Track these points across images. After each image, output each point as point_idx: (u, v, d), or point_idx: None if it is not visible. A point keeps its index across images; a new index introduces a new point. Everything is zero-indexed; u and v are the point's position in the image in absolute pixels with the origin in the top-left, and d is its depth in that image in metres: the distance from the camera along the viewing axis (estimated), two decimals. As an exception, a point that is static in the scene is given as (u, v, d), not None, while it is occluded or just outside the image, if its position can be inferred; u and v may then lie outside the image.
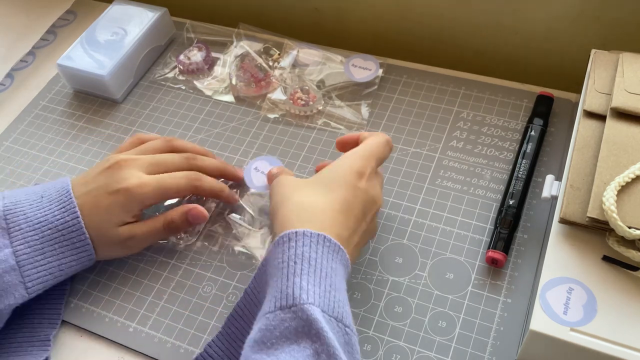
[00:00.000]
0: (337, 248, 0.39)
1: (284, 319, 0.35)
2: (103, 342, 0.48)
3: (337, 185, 0.43)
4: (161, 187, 0.48)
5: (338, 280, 0.38)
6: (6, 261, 0.44)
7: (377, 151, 0.46)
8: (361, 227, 0.43)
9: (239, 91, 0.64)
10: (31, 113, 0.66)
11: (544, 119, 0.55)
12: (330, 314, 0.36)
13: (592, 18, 0.59)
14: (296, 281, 0.36)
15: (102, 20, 0.68)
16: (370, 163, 0.45)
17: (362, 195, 0.43)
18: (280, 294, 0.36)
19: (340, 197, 0.42)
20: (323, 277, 0.37)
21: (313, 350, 0.34)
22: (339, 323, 0.36)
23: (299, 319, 0.35)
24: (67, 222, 0.46)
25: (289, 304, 0.35)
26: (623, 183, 0.40)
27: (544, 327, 0.38)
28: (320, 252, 0.38)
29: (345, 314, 0.37)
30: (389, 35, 0.71)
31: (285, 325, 0.35)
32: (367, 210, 0.43)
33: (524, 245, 0.49)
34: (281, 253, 0.38)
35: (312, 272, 0.37)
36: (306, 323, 0.34)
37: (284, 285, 0.36)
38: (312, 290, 0.36)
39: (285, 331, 0.35)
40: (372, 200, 0.44)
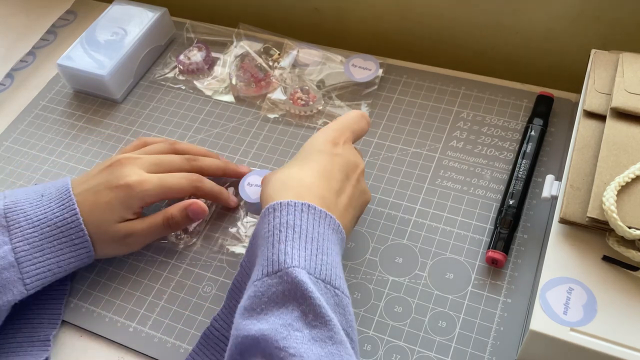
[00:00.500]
0: (322, 214, 0.40)
1: (270, 284, 0.36)
2: (103, 342, 0.48)
3: (313, 156, 0.44)
4: (162, 185, 0.49)
5: (327, 245, 0.39)
6: (5, 258, 0.44)
7: (350, 122, 0.47)
8: (347, 189, 0.43)
9: (239, 91, 0.64)
10: (31, 113, 0.66)
11: (544, 119, 0.55)
12: (317, 276, 0.37)
13: (592, 18, 0.59)
14: (281, 248, 0.37)
15: (102, 20, 0.68)
16: (344, 133, 0.46)
17: (339, 160, 0.44)
18: (266, 262, 0.37)
19: (318, 165, 0.43)
20: (308, 242, 0.38)
21: (300, 312, 0.35)
22: (327, 285, 0.37)
23: (285, 283, 0.36)
24: (65, 219, 0.46)
25: (275, 270, 0.36)
26: (623, 183, 0.40)
27: (544, 327, 0.38)
28: (305, 218, 0.39)
29: (335, 277, 0.38)
30: (389, 35, 0.71)
31: (272, 290, 0.36)
32: (350, 172, 0.44)
33: (524, 245, 0.49)
34: (267, 224, 0.39)
35: (297, 237, 0.38)
36: (292, 286, 0.35)
37: (269, 253, 0.37)
38: (297, 254, 0.37)
39: (273, 296, 0.36)
40: (353, 163, 0.45)
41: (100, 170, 0.49)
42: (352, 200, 0.43)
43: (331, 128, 0.46)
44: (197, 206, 0.50)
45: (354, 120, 0.47)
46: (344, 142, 0.45)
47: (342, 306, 0.37)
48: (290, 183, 0.42)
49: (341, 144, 0.45)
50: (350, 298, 0.38)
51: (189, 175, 0.51)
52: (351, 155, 0.45)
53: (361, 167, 0.45)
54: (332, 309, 0.36)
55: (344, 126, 0.46)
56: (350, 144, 0.46)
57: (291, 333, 0.34)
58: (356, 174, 0.45)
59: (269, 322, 0.34)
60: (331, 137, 0.45)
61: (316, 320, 0.35)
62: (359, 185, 0.45)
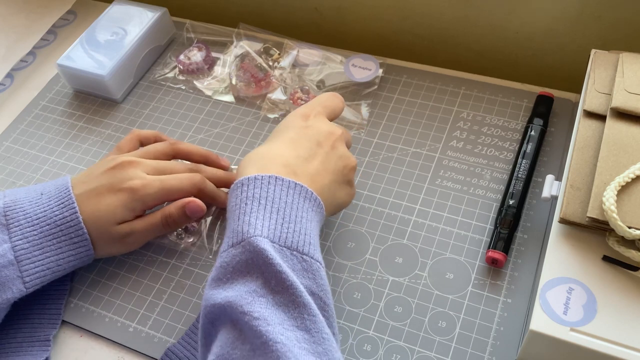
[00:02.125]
0: (291, 184, 0.40)
1: (235, 254, 0.37)
2: (103, 342, 0.48)
3: (282, 132, 0.46)
4: (165, 187, 0.49)
5: (296, 213, 0.40)
6: (4, 256, 0.44)
7: (322, 99, 0.49)
8: (318, 155, 0.44)
9: (239, 91, 0.64)
10: (31, 113, 0.66)
11: (544, 119, 0.55)
12: (282, 244, 0.38)
13: (592, 18, 0.59)
14: (245, 219, 0.38)
15: (102, 20, 0.68)
16: (314, 108, 0.47)
17: (309, 130, 0.45)
18: (232, 234, 0.39)
19: (286, 137, 0.45)
20: (274, 212, 0.39)
21: (264, 279, 0.36)
22: (293, 251, 0.38)
23: (247, 252, 0.37)
24: (65, 217, 0.46)
25: (239, 240, 0.38)
26: (623, 183, 0.40)
27: (544, 327, 0.38)
28: (271, 190, 0.40)
29: (303, 243, 0.39)
30: (389, 35, 0.71)
31: (236, 260, 0.37)
32: (322, 139, 0.45)
33: (524, 245, 0.49)
34: (234, 198, 0.40)
35: (262, 209, 0.39)
36: (254, 255, 0.37)
37: (235, 225, 0.39)
38: (260, 224, 0.38)
39: (237, 265, 0.37)
40: (326, 132, 0.45)
41: (103, 172, 0.49)
42: (325, 164, 0.44)
43: (301, 106, 0.48)
44: (195, 204, 0.50)
45: (326, 97, 0.49)
46: (315, 115, 0.47)
47: (312, 271, 0.38)
48: (254, 158, 0.43)
49: (312, 116, 0.46)
50: (322, 263, 0.39)
51: (191, 176, 0.50)
52: (323, 125, 0.46)
53: (336, 134, 0.46)
54: (298, 274, 0.37)
55: (314, 102, 0.48)
56: (322, 117, 0.47)
57: (255, 299, 0.35)
58: (330, 141, 0.45)
59: (234, 290, 0.36)
60: (300, 113, 0.47)
61: (278, 285, 0.36)
62: (335, 151, 0.45)
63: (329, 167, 0.44)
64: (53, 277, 0.46)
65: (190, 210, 0.49)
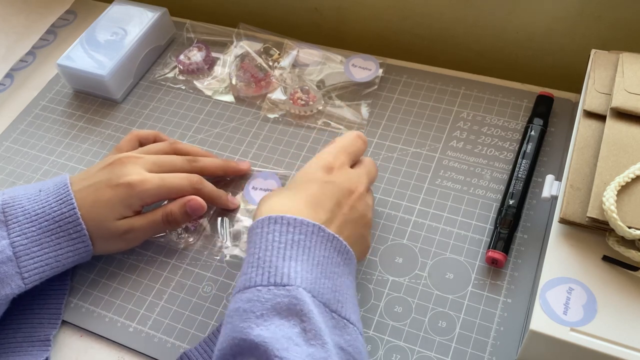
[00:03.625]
0: (330, 236, 0.40)
1: (276, 294, 0.36)
2: (103, 342, 0.48)
3: (304, 184, 0.43)
4: (163, 185, 0.49)
5: (331, 269, 0.39)
6: (3, 252, 0.44)
7: (346, 145, 0.46)
8: (337, 217, 0.42)
9: (239, 91, 0.64)
10: (31, 113, 0.66)
11: (544, 119, 0.55)
12: (320, 299, 0.38)
13: (592, 18, 0.59)
14: (291, 265, 0.38)
15: (102, 20, 0.68)
16: (339, 157, 0.45)
17: (331, 187, 0.43)
18: (274, 271, 0.38)
19: (307, 194, 0.43)
20: (315, 265, 0.39)
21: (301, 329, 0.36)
22: (326, 308, 0.38)
23: (290, 298, 0.36)
24: (63, 213, 0.46)
25: (282, 282, 0.37)
26: (623, 183, 0.40)
27: (544, 327, 0.38)
28: (314, 241, 0.39)
29: (333, 300, 0.38)
30: (389, 35, 0.71)
31: (277, 300, 0.36)
32: (342, 200, 0.43)
33: (524, 245, 0.49)
34: (276, 233, 0.39)
35: (306, 259, 0.39)
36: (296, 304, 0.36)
37: (278, 263, 0.38)
38: (303, 277, 0.38)
39: (277, 306, 0.36)
40: (346, 190, 0.44)
41: (101, 168, 0.49)
42: (342, 227, 0.42)
43: (326, 152, 0.45)
44: (196, 202, 0.50)
45: (350, 142, 0.47)
46: (339, 166, 0.44)
47: (339, 328, 0.38)
48: (275, 207, 0.41)
49: (336, 169, 0.44)
50: (350, 319, 0.38)
51: (190, 176, 0.51)
52: (345, 181, 0.44)
53: (358, 191, 0.44)
54: (330, 330, 0.37)
55: (339, 149, 0.46)
56: (345, 168, 0.45)
57: (291, 346, 0.34)
58: (351, 200, 0.43)
59: (270, 331, 0.35)
60: (324, 164, 0.44)
61: (315, 340, 0.35)
62: (354, 211, 0.44)
63: (346, 230, 0.43)
64: (52, 273, 0.46)
65: (191, 207, 0.50)
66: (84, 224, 0.46)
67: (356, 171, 0.46)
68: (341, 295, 0.39)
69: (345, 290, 0.40)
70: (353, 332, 0.38)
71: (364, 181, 0.45)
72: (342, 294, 0.39)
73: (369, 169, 0.47)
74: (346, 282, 0.40)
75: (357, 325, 0.39)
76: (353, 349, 0.37)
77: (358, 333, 0.38)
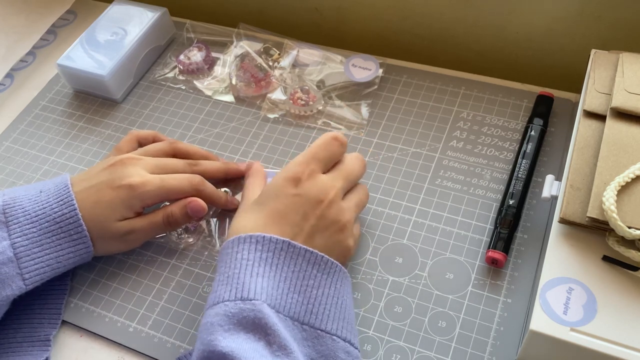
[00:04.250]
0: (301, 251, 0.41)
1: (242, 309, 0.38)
2: (103, 342, 0.48)
3: (271, 199, 0.44)
4: (164, 187, 0.49)
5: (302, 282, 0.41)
6: (4, 253, 0.44)
7: (316, 152, 0.45)
8: (304, 230, 0.43)
9: (239, 91, 0.64)
10: (31, 113, 0.66)
11: (544, 119, 0.55)
12: (286, 314, 0.39)
13: (592, 18, 0.59)
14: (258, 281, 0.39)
15: (102, 20, 0.68)
16: (307, 166, 0.44)
17: (297, 200, 0.43)
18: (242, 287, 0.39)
19: (272, 209, 0.43)
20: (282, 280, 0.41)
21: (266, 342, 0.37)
22: (295, 322, 0.39)
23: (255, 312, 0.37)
24: (64, 214, 0.46)
25: (247, 297, 0.38)
26: (623, 183, 0.40)
27: (544, 327, 0.38)
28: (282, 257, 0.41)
29: (304, 313, 0.40)
30: (389, 35, 0.71)
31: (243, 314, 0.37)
32: (309, 211, 0.43)
33: (524, 245, 0.49)
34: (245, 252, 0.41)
35: (273, 275, 0.40)
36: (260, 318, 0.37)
37: (245, 278, 0.39)
38: (268, 293, 0.39)
39: (243, 320, 0.37)
40: (314, 200, 0.43)
41: (102, 169, 0.49)
42: (311, 239, 0.43)
43: (294, 162, 0.45)
44: (197, 204, 0.50)
45: (322, 146, 0.46)
46: (308, 176, 0.44)
47: (311, 339, 0.39)
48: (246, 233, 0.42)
49: (304, 179, 0.44)
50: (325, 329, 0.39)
51: (191, 177, 0.51)
52: (313, 191, 0.43)
53: (328, 199, 0.44)
54: (298, 342, 0.38)
55: (307, 157, 0.45)
56: (315, 177, 0.44)
57: (257, 357, 0.35)
58: (319, 209, 0.43)
59: (237, 342, 0.36)
60: (292, 175, 0.44)
61: (280, 351, 0.36)
62: (323, 220, 0.43)
63: (317, 239, 0.43)
64: (53, 274, 0.46)
65: (191, 209, 0.50)
66: (85, 225, 0.46)
67: (328, 177, 0.45)
68: (315, 306, 0.40)
69: (325, 300, 0.40)
70: (329, 341, 0.39)
71: (338, 185, 0.45)
72: (317, 305, 0.40)
73: (347, 170, 0.46)
74: (326, 292, 0.41)
75: (337, 333, 0.39)
76: (326, 358, 0.38)
77: (339, 341, 0.39)
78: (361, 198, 0.48)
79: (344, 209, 0.45)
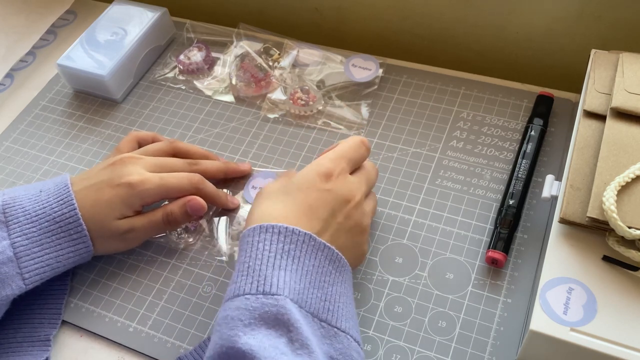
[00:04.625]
0: (321, 245, 0.40)
1: (264, 303, 0.37)
2: (103, 342, 0.48)
3: (301, 190, 0.43)
4: (163, 185, 0.49)
5: (322, 278, 0.40)
6: (3, 253, 0.44)
7: (348, 151, 0.45)
8: (331, 227, 0.42)
9: (239, 91, 0.64)
10: (31, 113, 0.66)
11: (544, 119, 0.55)
12: (307, 310, 0.38)
13: (592, 18, 0.59)
14: (280, 275, 0.38)
15: (102, 20, 0.68)
16: (339, 164, 0.44)
17: (327, 196, 0.43)
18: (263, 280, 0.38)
19: (302, 201, 0.42)
20: (304, 275, 0.39)
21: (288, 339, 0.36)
22: (315, 318, 0.38)
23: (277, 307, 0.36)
24: (64, 213, 0.46)
25: (270, 292, 0.37)
26: (623, 183, 0.40)
27: (544, 327, 0.38)
28: (304, 250, 0.40)
29: (323, 310, 0.39)
30: (389, 35, 0.71)
31: (264, 309, 0.36)
32: (337, 208, 0.43)
33: (524, 245, 0.49)
34: (266, 242, 0.39)
35: (295, 269, 0.39)
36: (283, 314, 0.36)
37: (267, 272, 0.38)
38: (290, 287, 0.38)
39: (264, 315, 0.36)
40: (343, 198, 0.43)
41: (102, 168, 0.49)
42: (336, 236, 0.42)
43: (326, 157, 0.45)
44: (196, 202, 0.50)
45: (352, 148, 0.46)
46: (338, 174, 0.44)
47: (329, 337, 0.38)
48: (272, 222, 0.41)
49: (334, 176, 0.43)
50: (341, 328, 0.39)
51: (191, 175, 0.51)
52: (343, 190, 0.43)
53: (355, 200, 0.43)
54: (318, 339, 0.37)
55: (339, 155, 0.45)
56: (344, 176, 0.44)
57: (278, 355, 0.34)
58: (347, 209, 0.43)
59: (257, 339, 0.35)
60: (324, 170, 0.43)
61: (301, 349, 0.35)
62: (349, 220, 0.43)
63: (339, 239, 0.43)
64: (53, 273, 0.46)
65: (191, 207, 0.50)
66: (85, 224, 0.46)
67: (355, 178, 0.45)
68: (332, 304, 0.39)
69: (338, 298, 0.40)
70: (345, 340, 0.38)
71: (363, 188, 0.45)
72: (332, 302, 0.39)
73: (368, 176, 0.46)
74: (339, 290, 0.40)
75: (350, 332, 0.39)
76: (344, 357, 0.38)
77: (351, 340, 0.39)
78: (375, 205, 0.48)
79: (366, 212, 0.45)
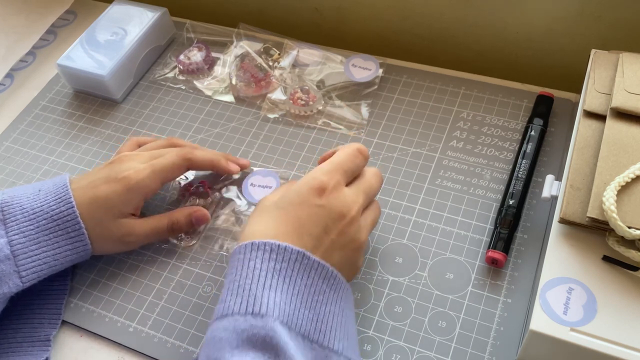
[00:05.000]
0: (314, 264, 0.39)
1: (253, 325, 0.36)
2: (103, 342, 0.48)
3: (293, 206, 0.42)
4: (155, 170, 0.49)
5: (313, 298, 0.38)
6: (1, 250, 0.44)
7: (342, 162, 0.43)
8: (324, 244, 0.41)
9: (239, 91, 0.64)
10: (31, 113, 0.66)
11: (544, 119, 0.55)
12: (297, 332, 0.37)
13: (592, 18, 0.59)
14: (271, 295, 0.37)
15: (102, 20, 0.68)
16: (333, 177, 0.42)
17: (320, 212, 0.41)
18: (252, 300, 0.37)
19: (295, 217, 0.41)
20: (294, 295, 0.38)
21: None
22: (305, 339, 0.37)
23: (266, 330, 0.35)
24: (62, 211, 0.46)
25: (259, 313, 0.36)
26: (623, 183, 0.40)
27: (544, 327, 0.38)
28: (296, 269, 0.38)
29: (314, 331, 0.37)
30: (389, 35, 0.71)
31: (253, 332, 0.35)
32: (331, 225, 0.41)
33: (524, 245, 0.49)
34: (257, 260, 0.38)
35: (286, 288, 0.38)
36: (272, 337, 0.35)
37: (257, 292, 0.37)
38: (280, 309, 0.37)
39: (253, 337, 0.35)
40: (337, 214, 0.41)
41: (101, 168, 0.50)
42: (329, 253, 0.41)
43: (320, 171, 0.43)
44: (201, 213, 0.51)
45: (348, 158, 0.44)
46: (333, 187, 0.42)
47: (319, 358, 0.37)
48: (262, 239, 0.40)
49: (329, 190, 0.42)
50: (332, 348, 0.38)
51: (178, 150, 0.51)
52: (337, 205, 0.42)
53: (350, 215, 0.42)
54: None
55: (335, 167, 0.43)
56: (339, 189, 0.42)
57: None
58: (341, 224, 0.41)
59: None
60: (317, 184, 0.42)
61: None
62: (343, 236, 0.42)
63: (333, 256, 0.41)
64: (50, 272, 0.46)
65: (196, 218, 0.51)
66: (83, 223, 0.46)
67: (351, 191, 0.43)
68: (324, 324, 0.38)
69: (331, 318, 0.39)
70: (334, 358, 0.37)
71: (360, 201, 0.43)
72: (325, 322, 0.38)
73: (368, 185, 0.45)
74: (332, 310, 0.39)
75: (345, 353, 0.38)
76: None
77: (337, 356, 0.37)
78: (376, 216, 0.46)
79: (362, 228, 0.43)
